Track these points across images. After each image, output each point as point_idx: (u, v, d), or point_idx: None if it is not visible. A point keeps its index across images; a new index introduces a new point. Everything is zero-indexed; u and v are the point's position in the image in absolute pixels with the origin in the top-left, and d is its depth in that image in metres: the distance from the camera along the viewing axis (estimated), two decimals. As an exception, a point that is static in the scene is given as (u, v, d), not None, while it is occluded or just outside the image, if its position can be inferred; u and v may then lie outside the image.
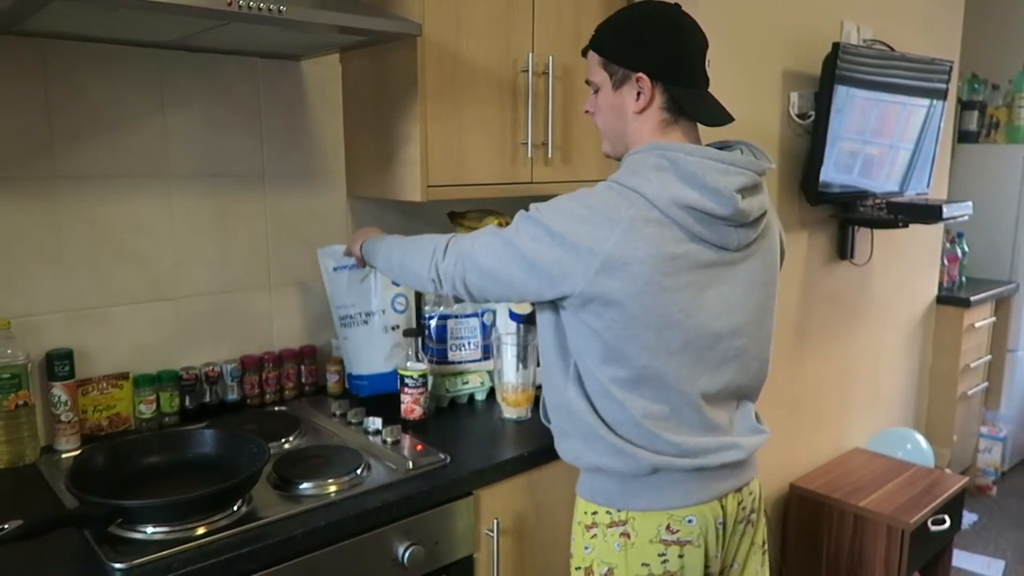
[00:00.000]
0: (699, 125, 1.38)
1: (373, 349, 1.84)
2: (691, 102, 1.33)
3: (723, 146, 1.37)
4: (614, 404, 1.33)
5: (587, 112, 1.44)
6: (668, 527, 1.35)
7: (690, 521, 1.35)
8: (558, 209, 1.29)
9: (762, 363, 1.43)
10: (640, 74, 1.30)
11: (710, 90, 1.39)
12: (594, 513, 1.39)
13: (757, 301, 1.37)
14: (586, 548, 1.40)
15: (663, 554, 1.35)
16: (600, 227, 1.24)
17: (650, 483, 1.35)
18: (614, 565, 1.37)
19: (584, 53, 1.42)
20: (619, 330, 1.27)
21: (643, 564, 1.35)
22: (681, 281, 1.26)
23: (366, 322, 1.83)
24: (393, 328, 1.83)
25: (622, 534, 1.36)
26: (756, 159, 1.33)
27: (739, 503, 1.42)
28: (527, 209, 1.34)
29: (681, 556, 1.35)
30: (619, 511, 1.36)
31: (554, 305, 1.36)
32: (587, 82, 1.41)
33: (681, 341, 1.29)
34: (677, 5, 1.35)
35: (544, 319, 1.41)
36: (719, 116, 1.35)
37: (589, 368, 1.33)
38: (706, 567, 1.39)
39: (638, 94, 1.32)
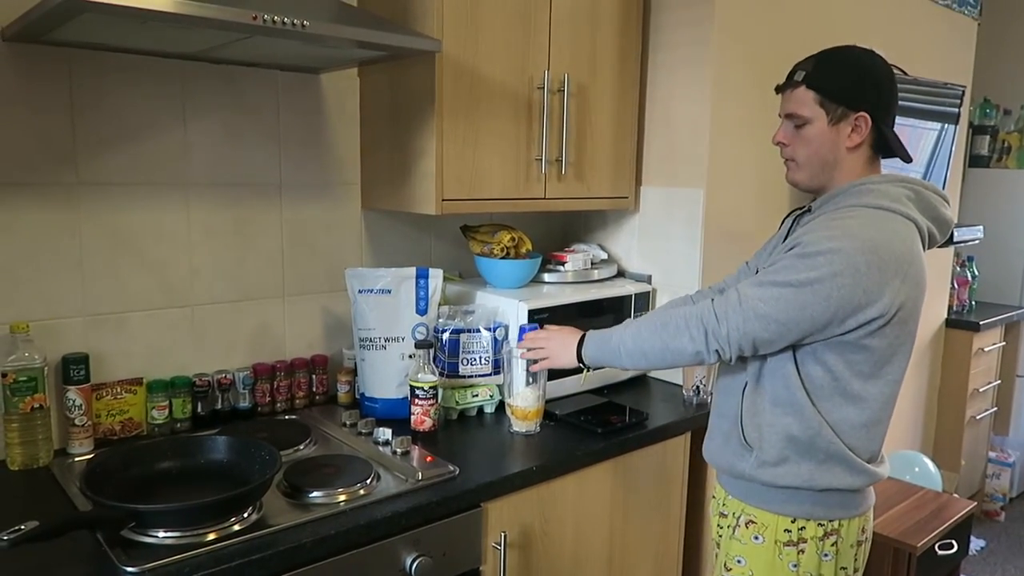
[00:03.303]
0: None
1: (388, 375, 1.85)
2: (893, 139, 1.43)
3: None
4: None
5: (779, 143, 1.46)
6: (863, 528, 1.46)
7: (871, 519, 1.49)
8: (847, 236, 1.31)
9: None
10: (862, 113, 1.38)
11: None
12: (801, 528, 1.42)
13: None
14: (792, 565, 1.42)
15: (856, 554, 1.46)
16: (896, 256, 1.32)
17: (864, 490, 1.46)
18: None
19: (780, 90, 1.46)
20: (890, 345, 1.36)
21: (842, 568, 1.44)
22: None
23: (384, 347, 1.85)
24: (410, 356, 1.84)
25: (833, 544, 1.42)
26: None
27: None
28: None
29: (866, 553, 1.50)
30: (830, 521, 1.41)
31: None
32: (788, 115, 1.44)
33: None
34: (872, 50, 1.42)
35: (785, 355, 1.40)
36: (908, 152, 1.47)
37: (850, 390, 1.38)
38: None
39: (852, 130, 1.39)
